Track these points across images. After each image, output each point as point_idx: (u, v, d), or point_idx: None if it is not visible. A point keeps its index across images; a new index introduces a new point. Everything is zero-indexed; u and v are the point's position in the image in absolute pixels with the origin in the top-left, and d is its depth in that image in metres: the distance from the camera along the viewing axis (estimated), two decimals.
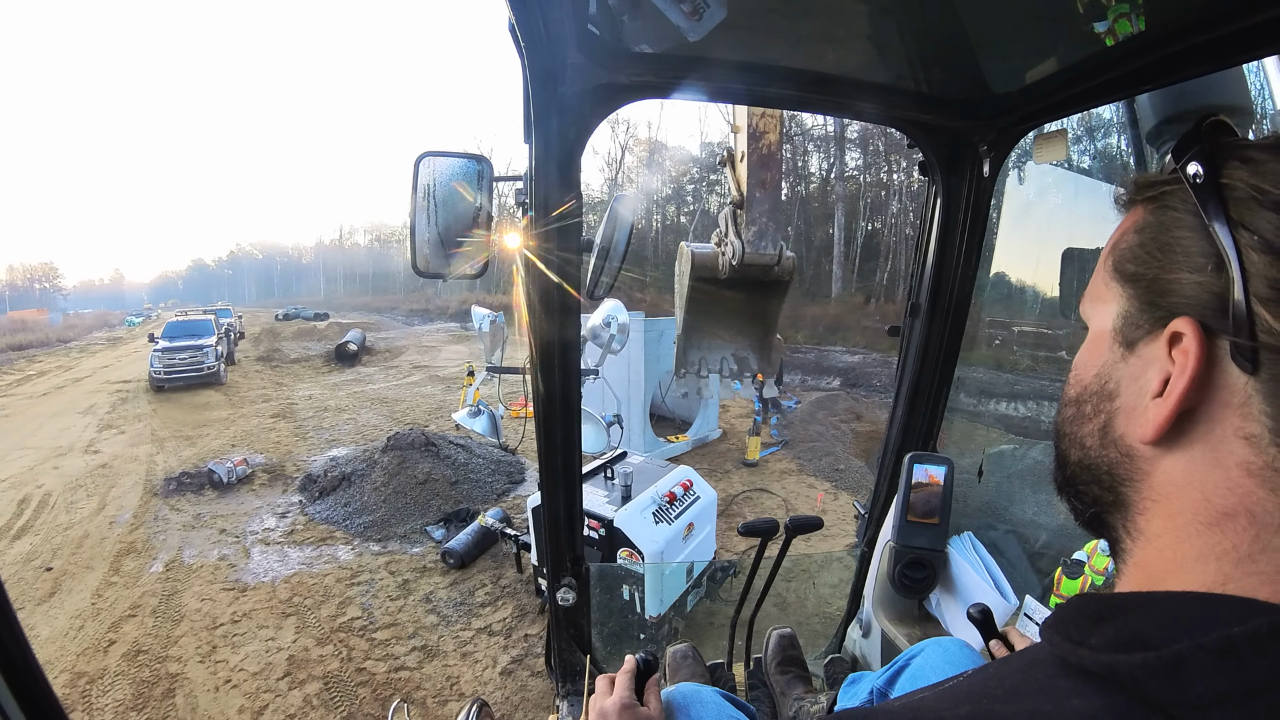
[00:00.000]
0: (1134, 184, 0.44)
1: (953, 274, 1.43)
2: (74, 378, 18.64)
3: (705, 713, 0.93)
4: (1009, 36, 0.99)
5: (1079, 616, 0.38)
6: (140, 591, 5.13)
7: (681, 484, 4.17)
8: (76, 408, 13.28)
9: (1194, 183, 0.38)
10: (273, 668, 4.08)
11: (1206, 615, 0.32)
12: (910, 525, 1.50)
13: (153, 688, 3.93)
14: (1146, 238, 0.41)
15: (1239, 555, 0.34)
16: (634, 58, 1.05)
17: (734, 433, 9.34)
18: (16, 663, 0.59)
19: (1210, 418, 0.36)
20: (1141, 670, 0.31)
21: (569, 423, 1.32)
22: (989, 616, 0.98)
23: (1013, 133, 1.25)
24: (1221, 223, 0.35)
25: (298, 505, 6.93)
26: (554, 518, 1.43)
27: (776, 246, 2.90)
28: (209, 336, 15.60)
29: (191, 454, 9.05)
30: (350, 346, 18.76)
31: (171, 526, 6.45)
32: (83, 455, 9.32)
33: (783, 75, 1.12)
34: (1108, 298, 0.44)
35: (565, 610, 1.54)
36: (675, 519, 3.88)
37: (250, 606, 4.85)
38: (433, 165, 1.06)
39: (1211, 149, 0.38)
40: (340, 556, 5.64)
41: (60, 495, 7.54)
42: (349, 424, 10.72)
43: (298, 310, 38.21)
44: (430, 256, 1.07)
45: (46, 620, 4.76)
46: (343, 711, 3.65)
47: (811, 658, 1.73)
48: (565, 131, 1.05)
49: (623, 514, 3.68)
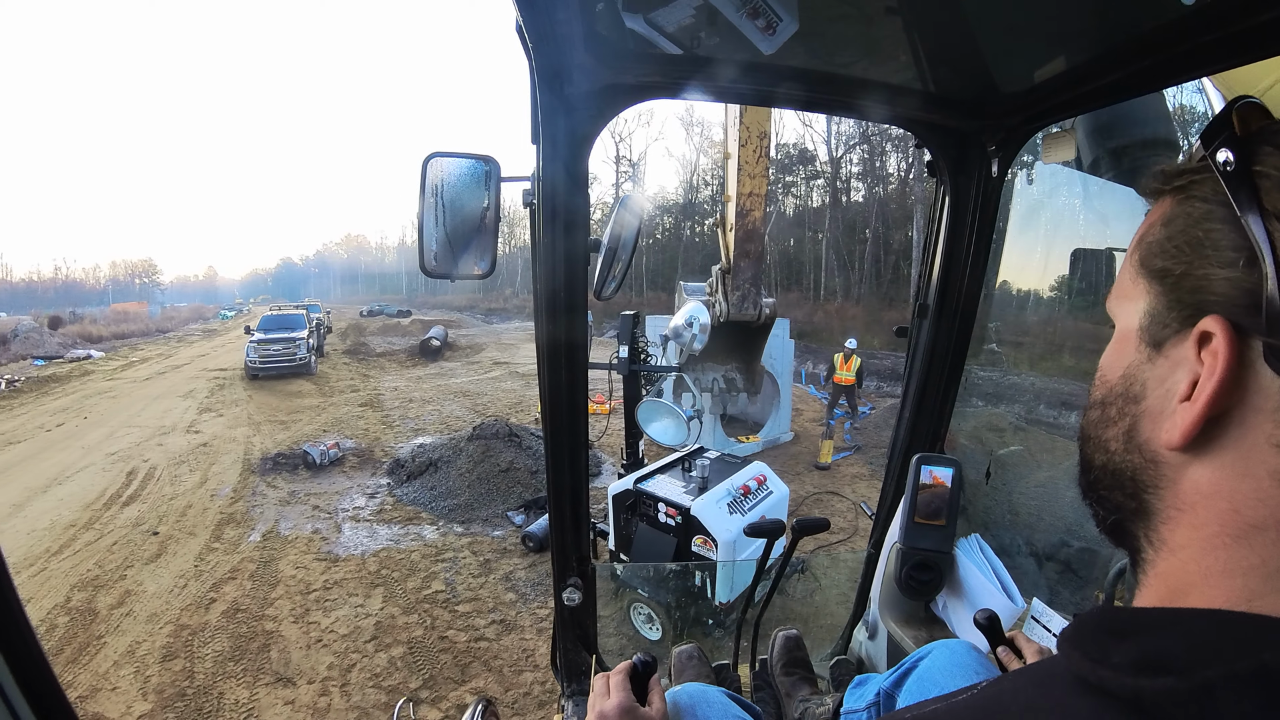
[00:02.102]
0: (1161, 173, 0.42)
1: (961, 274, 1.42)
2: (174, 365, 19.98)
3: (711, 713, 0.93)
4: (1017, 36, 0.99)
5: (1099, 631, 0.36)
6: (239, 558, 5.52)
7: (755, 478, 4.26)
8: (177, 392, 14.25)
9: (1224, 171, 0.35)
10: (361, 631, 4.36)
11: (1235, 637, 0.30)
12: (917, 527, 1.49)
13: (249, 642, 4.24)
14: (1174, 230, 0.39)
15: (1268, 570, 0.32)
16: (641, 58, 1.05)
17: (807, 436, 9.40)
18: (25, 661, 0.59)
19: (1241, 423, 0.33)
20: (1167, 698, 0.29)
21: (576, 423, 1.32)
22: (996, 623, 0.96)
23: (1021, 132, 1.25)
24: (1254, 214, 0.33)
25: (386, 487, 7.29)
26: (560, 518, 1.43)
27: (757, 308, 3.43)
28: (301, 330, 16.48)
29: (285, 437, 9.56)
30: (434, 342, 19.43)
31: (268, 501, 6.90)
32: (184, 434, 10.02)
33: (790, 75, 1.12)
34: (1134, 294, 0.41)
35: (571, 610, 1.54)
36: (749, 511, 3.99)
37: (341, 576, 5.17)
38: (441, 166, 1.07)
39: (1244, 133, 0.35)
40: (426, 536, 5.95)
41: (165, 469, 8.15)
42: (433, 415, 11.14)
43: (381, 307, 38.86)
44: (438, 256, 1.08)
45: (153, 578, 5.20)
46: (425, 674, 3.87)
47: (817, 659, 1.73)
48: (572, 132, 1.06)
49: (699, 503, 3.82)
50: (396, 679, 3.84)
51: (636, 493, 4.13)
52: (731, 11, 0.85)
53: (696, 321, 4.15)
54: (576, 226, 1.11)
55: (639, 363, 5.01)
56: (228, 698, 3.70)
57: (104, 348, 25.65)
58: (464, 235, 1.08)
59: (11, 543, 6.03)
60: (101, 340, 29.14)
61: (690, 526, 3.78)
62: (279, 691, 3.75)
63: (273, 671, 3.93)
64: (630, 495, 4.18)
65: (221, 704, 3.65)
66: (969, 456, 4.97)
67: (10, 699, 0.57)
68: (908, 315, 1.56)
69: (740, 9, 0.85)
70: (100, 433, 10.32)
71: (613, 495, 4.32)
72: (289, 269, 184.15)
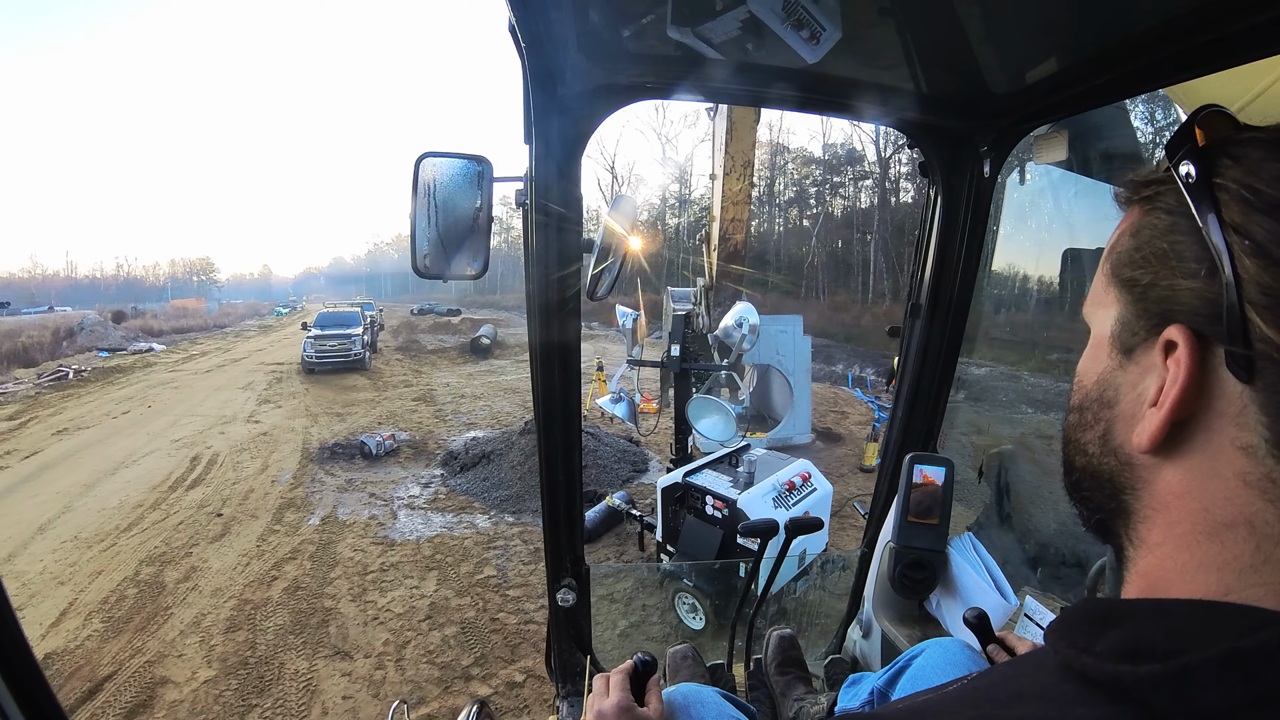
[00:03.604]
0: (1130, 183, 0.43)
1: (953, 275, 1.43)
2: (232, 358, 20.50)
3: (706, 713, 0.93)
4: (1009, 37, 0.99)
5: (1085, 621, 0.37)
6: (299, 540, 5.73)
7: (801, 475, 4.33)
8: (237, 384, 14.67)
9: (1186, 183, 0.36)
10: (415, 611, 4.53)
11: (1215, 624, 0.32)
12: (910, 526, 1.50)
13: (309, 618, 4.44)
14: (1142, 241, 0.40)
15: (1240, 566, 0.33)
16: (635, 58, 1.05)
17: (852, 439, 9.39)
18: (16, 665, 0.59)
19: (1207, 427, 0.35)
20: (1148, 682, 0.30)
21: (569, 423, 1.31)
22: (985, 621, 0.97)
23: (1013, 133, 1.25)
24: (1215, 226, 0.34)
25: (439, 478, 7.47)
26: (554, 518, 1.42)
27: None
28: (356, 326, 16.92)
29: (342, 428, 9.81)
30: (484, 340, 19.63)
31: (327, 488, 7.14)
32: (245, 424, 10.33)
33: (783, 76, 1.12)
34: (1107, 302, 0.43)
35: (565, 611, 1.54)
36: (793, 506, 4.07)
37: (397, 559, 5.35)
38: (433, 166, 1.06)
39: (1207, 144, 0.36)
40: (478, 524, 6.11)
41: (227, 456, 8.45)
42: (485, 410, 11.29)
43: (432, 306, 39.10)
44: (430, 257, 1.07)
45: (218, 556, 5.42)
46: (476, 653, 4.03)
47: (812, 658, 1.73)
48: (565, 132, 1.05)
49: (745, 497, 3.90)
50: (449, 656, 3.99)
51: (685, 486, 4.25)
52: (776, 23, 0.87)
53: (746, 322, 4.28)
54: (569, 227, 1.11)
55: (690, 361, 5.16)
56: (288, 668, 3.89)
57: (164, 341, 26.84)
58: (457, 236, 1.07)
59: (83, 519, 6.34)
60: (162, 334, 30.35)
61: (736, 519, 3.85)
62: (337, 664, 3.94)
63: (331, 645, 4.12)
64: (679, 488, 4.30)
65: (282, 673, 3.84)
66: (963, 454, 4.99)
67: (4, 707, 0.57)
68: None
69: (784, 20, 0.87)
70: (164, 420, 10.69)
71: (662, 488, 4.43)
72: (340, 267, 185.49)
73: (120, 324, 30.06)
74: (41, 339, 21.88)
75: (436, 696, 3.60)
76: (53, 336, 22.89)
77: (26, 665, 0.60)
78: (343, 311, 18.77)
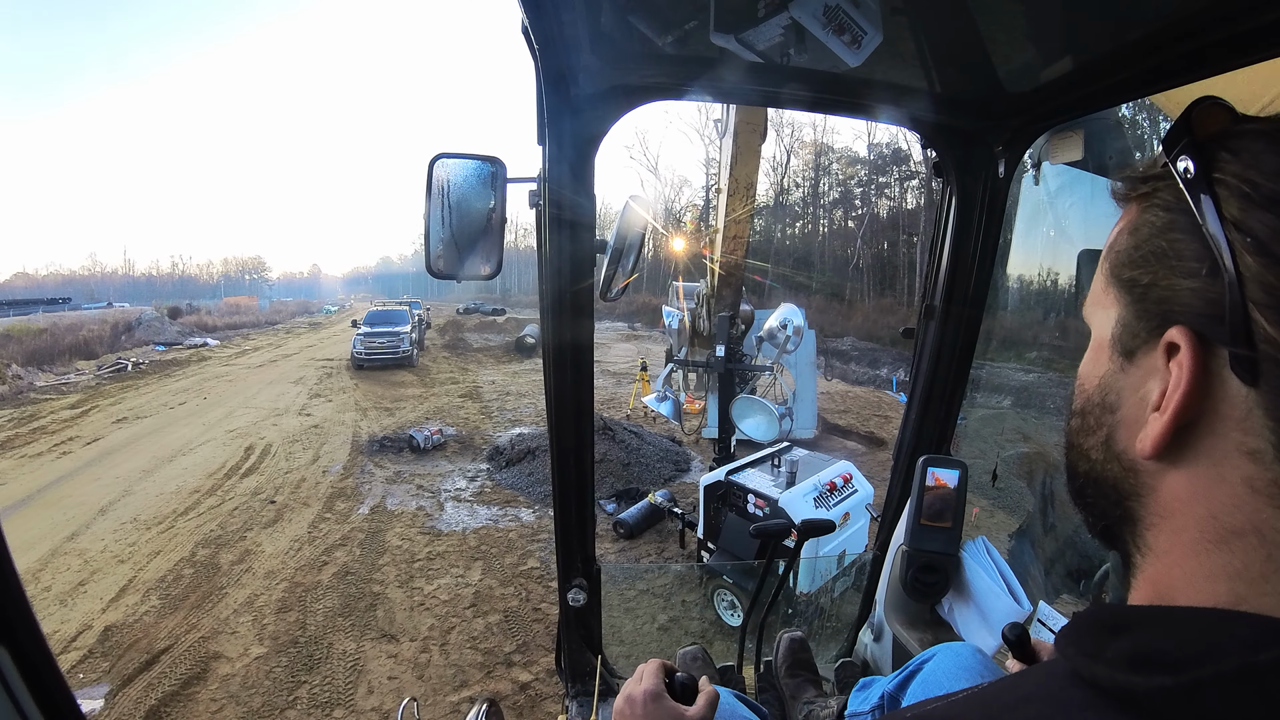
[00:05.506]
0: (1128, 179, 0.42)
1: (968, 276, 1.42)
2: (284, 354, 21.36)
3: (717, 714, 0.93)
4: (1024, 36, 0.98)
5: (1094, 628, 0.36)
6: (349, 527, 5.93)
7: (842, 476, 4.37)
8: (288, 378, 15.17)
9: (1185, 179, 0.35)
10: (460, 599, 4.68)
11: (1224, 637, 0.30)
12: (923, 529, 1.49)
13: (357, 601, 4.61)
14: (1140, 239, 0.38)
15: (1251, 575, 0.32)
16: (647, 59, 1.05)
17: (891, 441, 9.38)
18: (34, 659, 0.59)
19: (1212, 431, 0.34)
20: (1160, 695, 0.29)
21: (582, 423, 1.32)
22: (1025, 638, 0.92)
23: (1028, 133, 1.24)
24: (1215, 223, 0.32)
25: (485, 472, 7.71)
26: (565, 518, 1.43)
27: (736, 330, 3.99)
28: (404, 324, 17.38)
29: (391, 422, 10.09)
30: (529, 339, 19.79)
31: (376, 479, 7.37)
32: (297, 416, 10.74)
33: (796, 76, 1.12)
34: (1106, 303, 0.41)
35: (576, 611, 1.54)
36: (834, 506, 4.11)
37: (443, 549, 5.53)
38: (446, 167, 1.07)
39: (1204, 138, 0.35)
40: (523, 517, 6.29)
41: (280, 446, 8.77)
42: (529, 407, 11.50)
43: (477, 305, 39.71)
44: (444, 257, 1.08)
45: (271, 541, 5.64)
46: (519, 640, 4.14)
47: (822, 661, 1.72)
48: (578, 133, 1.06)
49: (786, 496, 3.97)
50: (492, 642, 4.09)
51: (728, 484, 4.29)
52: (818, 28, 0.87)
53: (790, 323, 4.31)
54: (582, 227, 1.11)
55: (735, 361, 5.20)
56: (336, 648, 4.05)
57: (218, 337, 27.83)
58: (470, 236, 1.08)
59: (142, 502, 6.61)
60: (215, 330, 31.17)
61: (777, 518, 3.86)
62: (383, 646, 4.08)
63: (378, 628, 4.26)
64: (721, 486, 4.35)
65: (330, 653, 4.00)
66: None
67: (18, 698, 0.57)
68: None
69: (826, 25, 0.87)
70: (219, 412, 11.09)
71: (704, 486, 4.49)
72: (388, 266, 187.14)
73: (176, 319, 31.46)
74: (101, 333, 22.73)
75: (479, 680, 3.70)
76: (111, 331, 23.85)
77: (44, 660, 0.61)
78: (392, 310, 19.23)
